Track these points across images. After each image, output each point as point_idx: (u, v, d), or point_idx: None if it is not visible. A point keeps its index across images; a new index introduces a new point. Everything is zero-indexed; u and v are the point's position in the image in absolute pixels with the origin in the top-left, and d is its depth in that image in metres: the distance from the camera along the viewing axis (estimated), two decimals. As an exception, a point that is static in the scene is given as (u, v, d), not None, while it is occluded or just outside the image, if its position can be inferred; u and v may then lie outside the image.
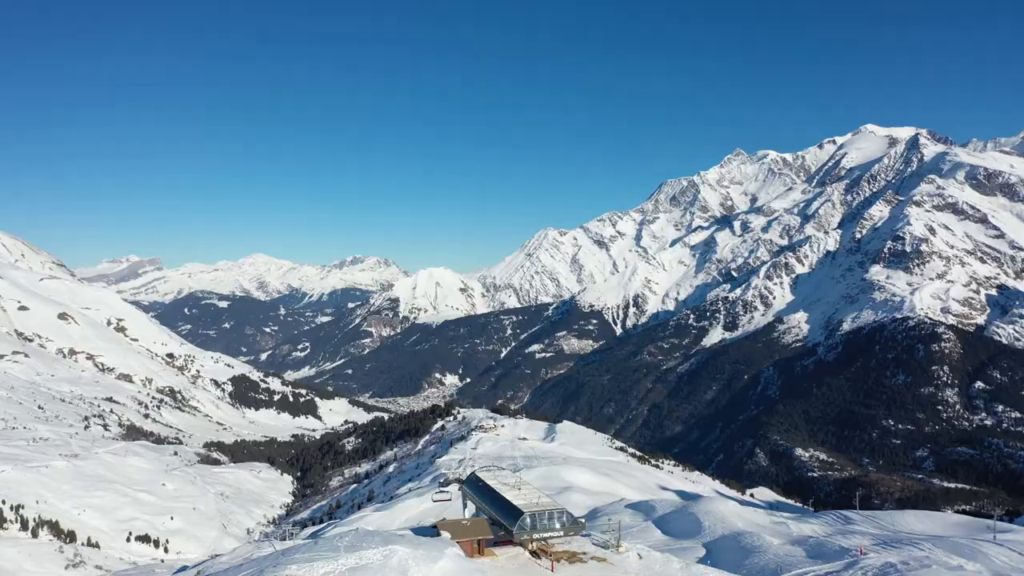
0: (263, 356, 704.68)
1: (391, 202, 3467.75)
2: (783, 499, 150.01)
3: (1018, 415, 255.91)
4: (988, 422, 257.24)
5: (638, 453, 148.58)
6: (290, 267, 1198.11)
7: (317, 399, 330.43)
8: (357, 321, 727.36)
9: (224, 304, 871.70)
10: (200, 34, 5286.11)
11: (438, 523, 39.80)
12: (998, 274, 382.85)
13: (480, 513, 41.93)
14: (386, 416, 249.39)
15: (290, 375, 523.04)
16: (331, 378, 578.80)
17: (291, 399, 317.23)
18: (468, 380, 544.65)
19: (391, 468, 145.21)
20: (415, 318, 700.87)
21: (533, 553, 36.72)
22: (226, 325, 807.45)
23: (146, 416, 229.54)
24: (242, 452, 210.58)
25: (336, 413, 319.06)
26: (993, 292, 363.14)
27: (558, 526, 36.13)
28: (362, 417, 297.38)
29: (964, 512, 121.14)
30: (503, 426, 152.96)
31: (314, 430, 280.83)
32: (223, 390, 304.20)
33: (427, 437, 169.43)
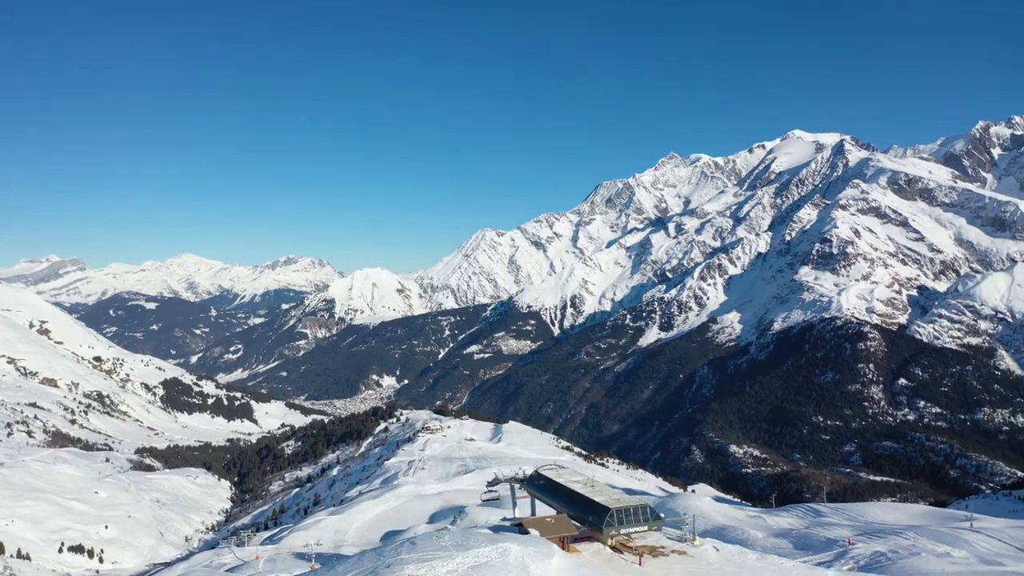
0: (193, 359, 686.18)
1: (326, 202, 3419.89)
2: (723, 495, 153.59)
3: (938, 410, 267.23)
4: (911, 417, 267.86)
5: (583, 452, 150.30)
6: (221, 267, 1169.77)
7: (253, 402, 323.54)
8: (292, 322, 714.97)
9: (152, 305, 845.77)
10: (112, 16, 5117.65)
11: (524, 520, 39.78)
12: (918, 275, 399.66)
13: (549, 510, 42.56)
14: (326, 419, 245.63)
15: (223, 378, 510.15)
16: (265, 380, 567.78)
17: (226, 402, 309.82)
18: (406, 382, 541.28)
19: (335, 471, 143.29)
20: (351, 319, 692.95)
21: (613, 548, 37.13)
22: (154, 327, 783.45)
23: (73, 422, 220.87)
24: (176, 457, 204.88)
25: (273, 416, 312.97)
26: (914, 293, 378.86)
27: (642, 521, 36.97)
28: (300, 420, 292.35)
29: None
30: (449, 427, 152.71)
31: (250, 434, 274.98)
32: (154, 394, 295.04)
33: (370, 439, 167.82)
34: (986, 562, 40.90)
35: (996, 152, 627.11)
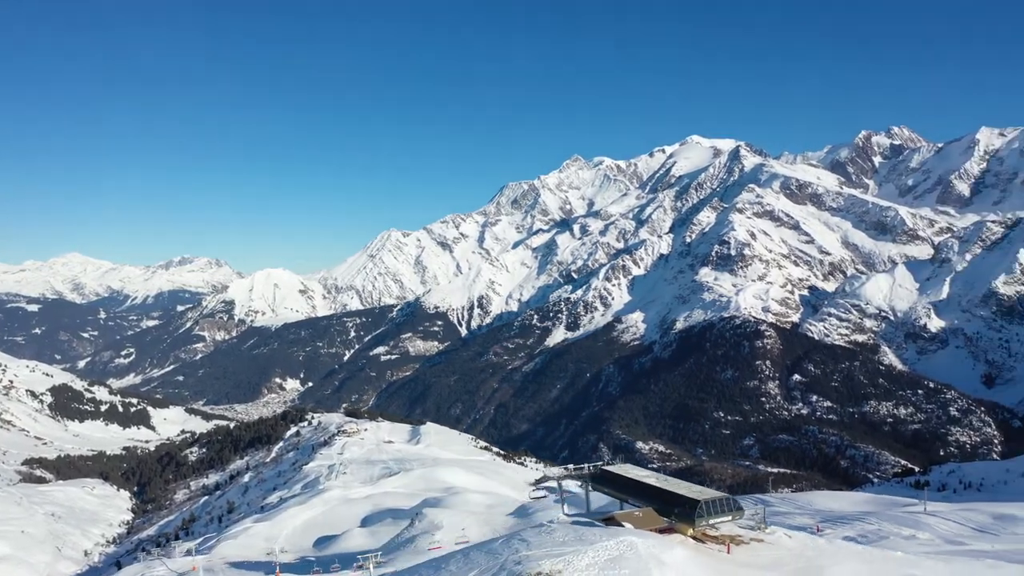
0: (81, 363, 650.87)
1: (223, 201, 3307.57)
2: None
3: (829, 404, 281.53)
4: (804, 411, 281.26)
5: (501, 452, 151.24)
6: (110, 267, 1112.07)
7: (150, 408, 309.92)
8: (188, 325, 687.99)
9: (34, 308, 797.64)
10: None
11: (616, 515, 39.93)
12: (809, 276, 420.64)
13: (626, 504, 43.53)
14: (231, 424, 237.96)
15: (115, 383, 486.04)
16: (160, 385, 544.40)
17: (121, 409, 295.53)
18: (311, 384, 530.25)
19: (247, 478, 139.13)
20: (252, 321, 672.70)
21: (695, 538, 37.43)
22: (37, 330, 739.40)
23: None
24: (69, 468, 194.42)
25: (172, 423, 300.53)
26: (806, 292, 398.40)
27: (726, 511, 37.75)
28: (201, 426, 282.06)
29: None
30: (366, 430, 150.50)
31: (148, 441, 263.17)
32: (42, 401, 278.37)
33: (281, 444, 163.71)
34: (950, 542, 43.82)
35: (877, 160, 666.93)
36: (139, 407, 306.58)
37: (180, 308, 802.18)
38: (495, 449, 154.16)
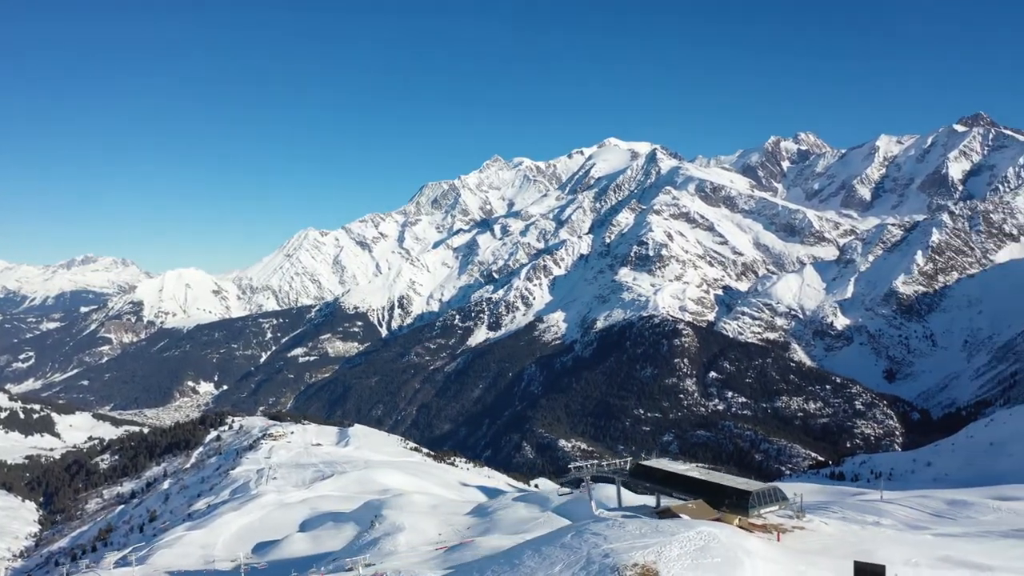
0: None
1: (128, 198, 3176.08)
2: (564, 488, 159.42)
3: (743, 400, 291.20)
4: (720, 407, 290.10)
5: (431, 453, 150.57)
6: (5, 267, 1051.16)
7: (54, 414, 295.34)
8: (93, 327, 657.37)
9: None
10: None
11: (673, 507, 40.05)
12: (723, 276, 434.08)
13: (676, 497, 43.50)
14: (145, 429, 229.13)
15: (13, 388, 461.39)
16: (63, 390, 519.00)
17: (22, 416, 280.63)
18: (225, 387, 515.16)
19: (166, 485, 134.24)
20: (162, 322, 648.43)
21: (742, 528, 37.27)
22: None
23: None
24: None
25: (78, 429, 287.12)
26: (720, 292, 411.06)
27: (773, 501, 38.84)
28: (111, 432, 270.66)
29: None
30: (292, 432, 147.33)
31: (53, 449, 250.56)
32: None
33: (201, 449, 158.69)
34: (913, 528, 46.17)
35: (785, 165, 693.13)
36: (42, 413, 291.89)
37: (84, 309, 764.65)
38: (424, 450, 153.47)
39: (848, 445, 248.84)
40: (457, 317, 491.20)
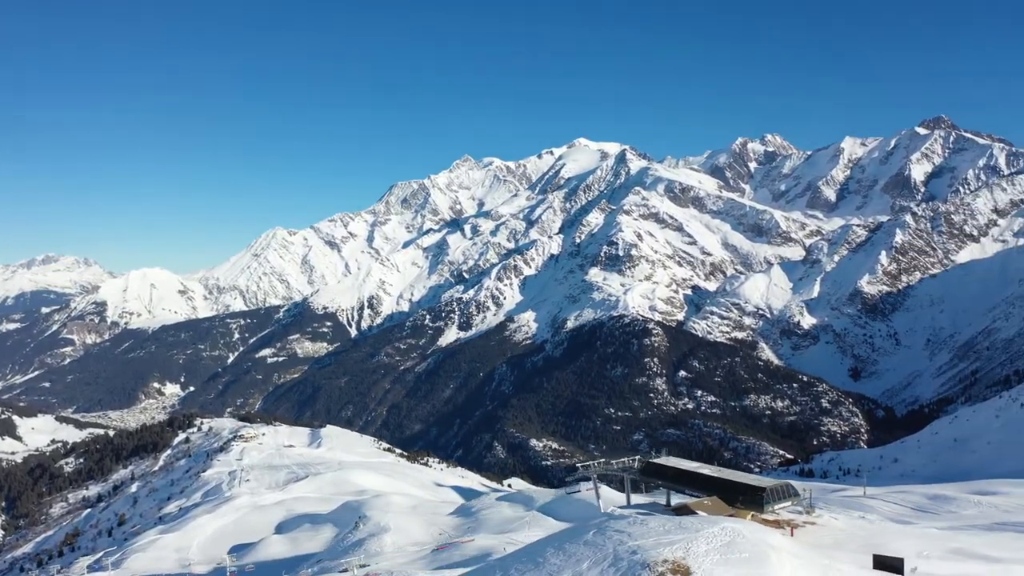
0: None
1: (91, 196, 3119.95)
2: (535, 487, 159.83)
3: (712, 398, 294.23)
4: (690, 406, 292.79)
5: (404, 453, 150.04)
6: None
7: (15, 417, 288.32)
8: (55, 328, 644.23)
9: None
10: None
11: (690, 504, 40.09)
12: (692, 276, 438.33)
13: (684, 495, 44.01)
14: (111, 432, 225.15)
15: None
16: (24, 392, 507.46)
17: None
18: (192, 389, 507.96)
19: (134, 488, 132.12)
20: (127, 323, 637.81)
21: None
22: None
23: None
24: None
25: (41, 432, 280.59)
26: (689, 292, 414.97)
27: (786, 498, 39.34)
28: (74, 435, 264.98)
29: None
30: (264, 434, 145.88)
31: (14, 453, 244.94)
32: None
33: (170, 451, 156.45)
34: (898, 522, 46.98)
35: (753, 166, 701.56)
36: (3, 416, 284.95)
37: (45, 310, 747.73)
38: (398, 451, 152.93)
39: (815, 442, 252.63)
40: (427, 317, 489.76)
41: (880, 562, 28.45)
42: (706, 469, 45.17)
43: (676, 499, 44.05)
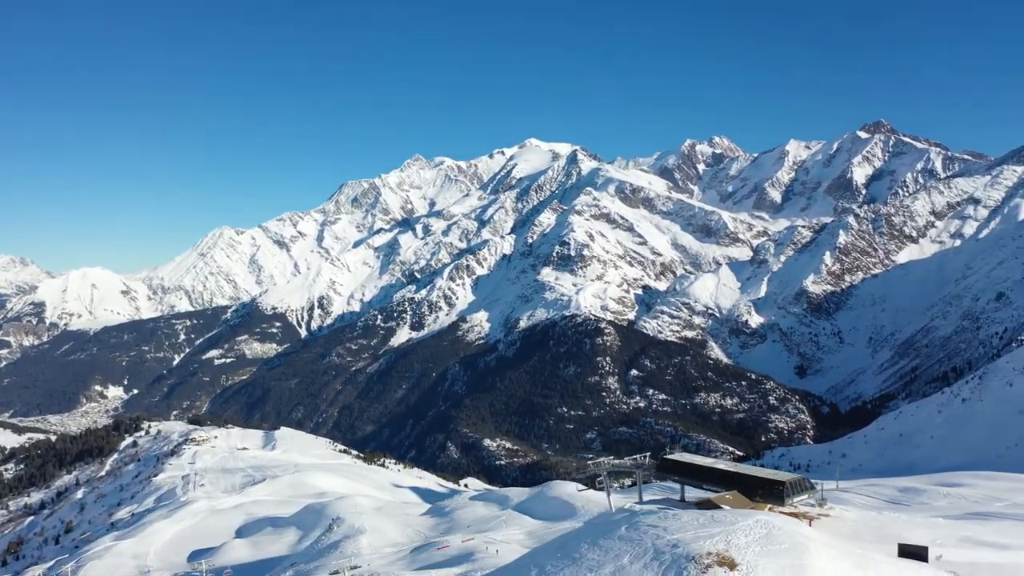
0: None
1: (26, 194, 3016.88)
2: (491, 487, 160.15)
3: (664, 396, 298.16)
4: (641, 404, 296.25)
5: (361, 455, 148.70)
6: None
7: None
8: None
9: None
10: None
11: (713, 499, 39.91)
12: (643, 276, 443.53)
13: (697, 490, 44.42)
14: (51, 436, 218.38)
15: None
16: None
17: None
18: (136, 391, 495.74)
19: (80, 494, 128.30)
20: (67, 324, 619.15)
21: None
22: None
23: None
24: None
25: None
26: (640, 291, 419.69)
27: (803, 491, 39.74)
28: (12, 440, 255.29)
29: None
30: (216, 437, 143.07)
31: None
32: None
33: (116, 456, 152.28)
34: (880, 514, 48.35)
35: (701, 167, 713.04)
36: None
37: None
38: (354, 452, 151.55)
39: (763, 439, 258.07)
40: (379, 317, 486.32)
41: (905, 551, 29.59)
42: (722, 464, 46.03)
43: (691, 494, 44.84)
